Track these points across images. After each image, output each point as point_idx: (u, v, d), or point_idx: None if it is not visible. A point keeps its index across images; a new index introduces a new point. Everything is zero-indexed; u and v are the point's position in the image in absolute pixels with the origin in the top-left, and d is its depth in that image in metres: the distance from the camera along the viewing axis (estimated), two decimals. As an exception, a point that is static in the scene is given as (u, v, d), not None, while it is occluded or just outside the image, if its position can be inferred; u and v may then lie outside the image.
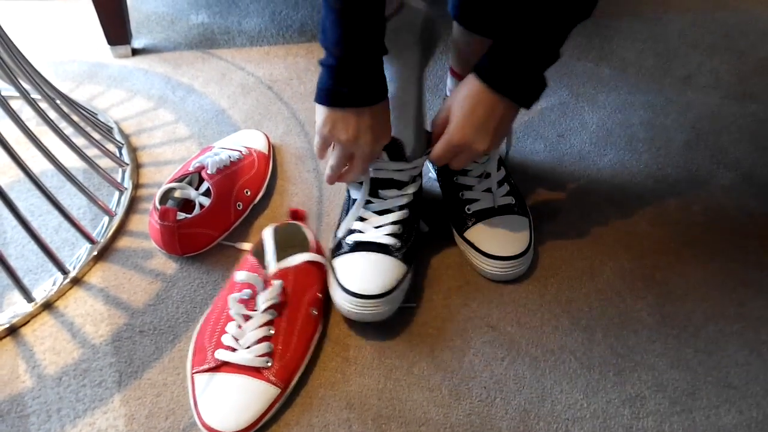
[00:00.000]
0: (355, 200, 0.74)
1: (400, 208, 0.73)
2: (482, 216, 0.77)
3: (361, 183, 0.73)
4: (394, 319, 0.72)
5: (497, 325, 0.72)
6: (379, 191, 0.73)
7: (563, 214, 0.86)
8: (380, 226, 0.72)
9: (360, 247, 0.71)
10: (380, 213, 0.73)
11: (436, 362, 0.69)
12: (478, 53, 0.67)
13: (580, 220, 0.85)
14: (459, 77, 0.75)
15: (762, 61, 1.17)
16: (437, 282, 0.77)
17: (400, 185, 0.73)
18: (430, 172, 0.90)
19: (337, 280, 0.70)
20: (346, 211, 0.76)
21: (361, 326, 0.71)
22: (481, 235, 0.77)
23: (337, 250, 0.73)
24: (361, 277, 0.69)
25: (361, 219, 0.73)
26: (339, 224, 0.76)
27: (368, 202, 0.73)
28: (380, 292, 0.67)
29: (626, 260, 0.80)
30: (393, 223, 0.72)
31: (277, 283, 0.65)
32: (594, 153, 0.96)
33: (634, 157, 0.95)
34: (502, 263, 0.74)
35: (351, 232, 0.73)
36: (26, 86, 0.77)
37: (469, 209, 0.78)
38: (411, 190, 0.74)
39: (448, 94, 0.79)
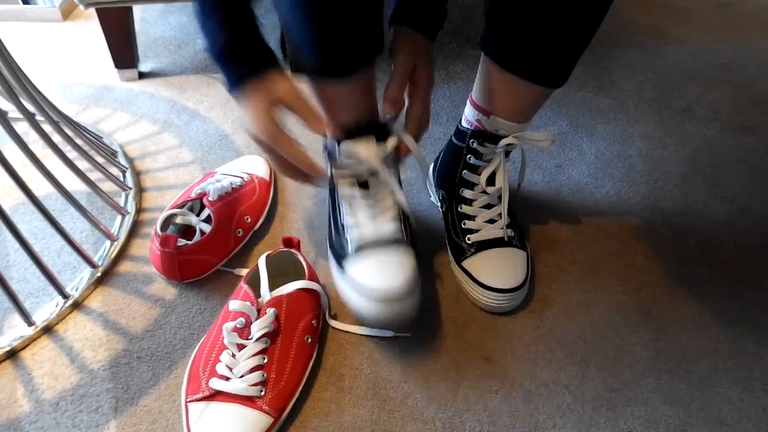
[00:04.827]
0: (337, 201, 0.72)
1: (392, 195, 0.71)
2: (482, 247, 0.78)
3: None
4: (389, 350, 0.73)
5: (492, 357, 0.73)
6: (370, 183, 0.70)
7: (560, 245, 0.86)
8: (381, 220, 0.70)
9: (370, 246, 0.68)
10: (375, 207, 0.70)
11: (430, 394, 0.69)
12: (506, 91, 0.70)
13: (577, 252, 0.86)
14: (481, 110, 0.75)
15: (761, 94, 1.18)
16: (433, 313, 0.77)
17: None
18: (431, 197, 0.91)
19: (360, 285, 0.66)
20: (333, 219, 0.74)
21: (357, 356, 0.72)
22: (479, 265, 0.77)
23: (342, 255, 0.71)
24: (386, 273, 0.66)
25: (355, 216, 0.71)
26: (333, 230, 0.74)
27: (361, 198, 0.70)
28: (408, 286, 0.65)
29: (622, 294, 0.80)
30: (394, 215, 0.70)
31: (270, 311, 0.66)
32: (592, 184, 0.97)
33: (631, 188, 0.96)
34: (498, 295, 0.75)
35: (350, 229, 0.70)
36: (31, 109, 0.78)
37: (469, 239, 0.79)
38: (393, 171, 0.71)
39: (463, 124, 0.79)
